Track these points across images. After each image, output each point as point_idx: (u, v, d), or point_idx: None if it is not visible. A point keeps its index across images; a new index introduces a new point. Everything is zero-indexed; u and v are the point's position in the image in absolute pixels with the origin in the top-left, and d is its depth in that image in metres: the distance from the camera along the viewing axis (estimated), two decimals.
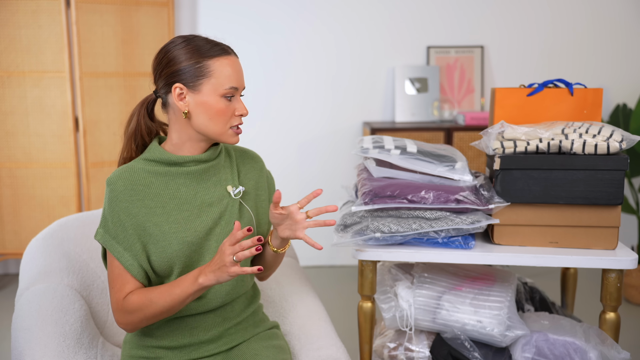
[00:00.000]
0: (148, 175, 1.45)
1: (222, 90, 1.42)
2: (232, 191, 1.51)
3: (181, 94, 1.43)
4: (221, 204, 1.49)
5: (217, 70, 1.42)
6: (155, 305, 1.39)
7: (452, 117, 3.67)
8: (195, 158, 1.47)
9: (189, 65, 1.41)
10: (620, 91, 3.76)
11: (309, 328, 1.70)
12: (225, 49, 1.45)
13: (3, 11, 3.27)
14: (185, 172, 1.47)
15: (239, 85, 1.45)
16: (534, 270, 3.62)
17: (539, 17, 3.75)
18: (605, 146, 1.66)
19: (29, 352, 1.48)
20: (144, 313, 1.40)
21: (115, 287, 1.43)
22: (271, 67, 3.79)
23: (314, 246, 1.39)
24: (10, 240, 3.45)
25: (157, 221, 1.43)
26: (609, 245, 1.71)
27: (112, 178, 1.44)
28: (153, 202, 1.44)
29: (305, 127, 3.83)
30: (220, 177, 1.52)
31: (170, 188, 1.46)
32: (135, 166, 1.46)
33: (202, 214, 1.47)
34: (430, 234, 1.69)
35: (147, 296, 1.40)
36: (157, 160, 1.47)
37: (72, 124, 3.36)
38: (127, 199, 1.42)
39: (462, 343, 1.78)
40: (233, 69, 1.44)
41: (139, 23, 3.46)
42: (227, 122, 1.44)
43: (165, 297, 1.38)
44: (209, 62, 1.42)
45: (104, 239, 1.43)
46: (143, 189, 1.44)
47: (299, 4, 3.72)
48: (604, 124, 1.72)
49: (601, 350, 1.71)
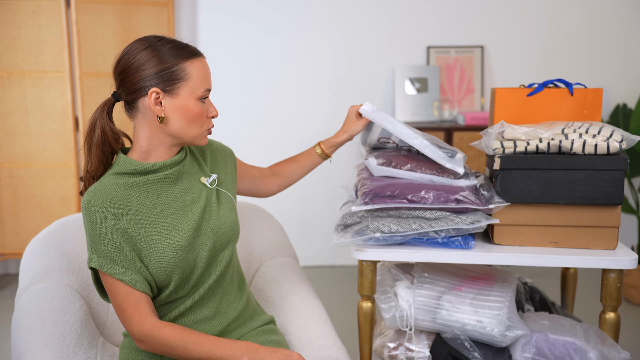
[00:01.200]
0: (124, 188, 1.40)
1: (199, 93, 1.41)
2: (206, 182, 1.52)
3: (157, 98, 1.39)
4: (201, 198, 1.49)
5: (192, 73, 1.39)
6: (186, 352, 1.35)
7: (452, 117, 3.67)
8: (170, 162, 1.45)
9: (164, 68, 1.37)
10: (620, 91, 3.76)
11: (309, 328, 1.70)
12: (196, 50, 1.43)
13: (3, 11, 3.27)
14: (161, 177, 1.44)
15: (211, 87, 1.45)
16: (534, 270, 3.62)
17: (538, 17, 3.75)
18: (605, 146, 1.66)
19: (29, 352, 1.48)
20: (170, 350, 1.36)
21: (129, 310, 1.37)
22: (271, 67, 3.79)
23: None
24: (10, 240, 3.45)
25: (145, 233, 1.40)
26: (609, 245, 1.71)
27: (89, 201, 1.37)
28: (137, 214, 1.40)
29: (305, 127, 3.83)
30: (191, 172, 1.51)
31: (150, 196, 1.43)
32: (107, 182, 1.40)
33: (187, 213, 1.46)
34: (430, 234, 1.69)
35: (182, 338, 1.36)
36: (130, 173, 1.42)
37: (72, 124, 3.36)
38: (110, 218, 1.36)
39: (462, 343, 1.78)
40: (206, 70, 1.43)
41: (139, 23, 3.46)
42: (202, 125, 1.44)
43: (200, 351, 1.35)
44: (184, 64, 1.39)
45: (100, 264, 1.36)
46: (124, 203, 1.39)
47: (299, 4, 3.72)
48: (604, 124, 1.72)
49: (601, 350, 1.71)
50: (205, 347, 1.35)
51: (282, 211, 3.48)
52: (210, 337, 1.38)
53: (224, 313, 1.54)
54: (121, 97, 1.45)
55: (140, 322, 1.37)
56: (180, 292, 1.47)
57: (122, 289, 1.37)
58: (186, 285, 1.47)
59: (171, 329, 1.37)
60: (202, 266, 1.47)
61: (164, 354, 1.39)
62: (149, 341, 1.37)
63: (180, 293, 1.47)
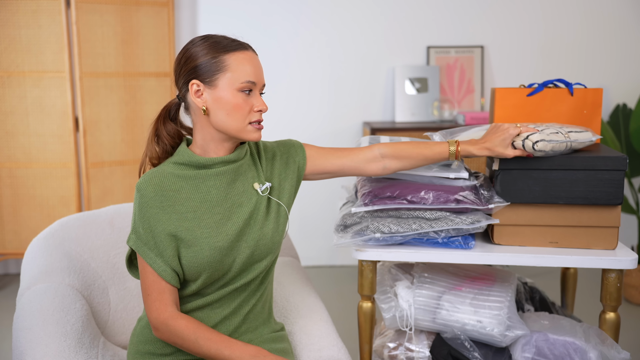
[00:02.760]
0: (178, 179, 1.44)
1: (239, 85, 1.40)
2: (259, 188, 1.50)
3: (198, 90, 1.42)
4: (250, 203, 1.48)
5: (233, 65, 1.40)
6: (197, 347, 1.38)
7: (452, 117, 3.67)
8: (224, 159, 1.46)
9: (205, 60, 1.40)
10: (620, 91, 3.76)
11: (310, 328, 1.70)
12: (243, 44, 1.44)
13: (3, 11, 3.27)
14: (215, 174, 1.46)
15: (257, 80, 1.43)
16: (534, 270, 3.62)
17: (539, 17, 3.75)
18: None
19: (30, 352, 1.49)
20: (182, 342, 1.39)
21: (152, 295, 1.41)
22: (271, 67, 3.79)
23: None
24: (10, 240, 3.45)
25: (188, 226, 1.42)
26: (609, 245, 1.71)
27: (142, 183, 1.42)
28: (184, 207, 1.42)
29: (305, 127, 3.83)
30: (246, 175, 1.50)
31: (201, 191, 1.45)
32: (164, 170, 1.45)
33: (233, 216, 1.46)
34: (430, 234, 1.69)
35: (195, 332, 1.38)
36: (185, 164, 1.45)
37: (72, 124, 3.36)
38: (157, 205, 1.41)
39: (462, 343, 1.78)
40: (250, 63, 1.42)
41: (139, 23, 3.46)
42: (245, 117, 1.42)
43: (210, 347, 1.37)
44: (224, 56, 1.40)
45: (136, 245, 1.42)
46: (173, 194, 1.42)
47: (299, 4, 3.72)
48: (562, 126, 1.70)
49: (601, 350, 1.71)
50: (215, 344, 1.37)
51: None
52: (222, 336, 1.39)
53: (241, 314, 1.53)
54: (179, 96, 1.49)
55: (159, 310, 1.40)
56: (206, 290, 1.48)
57: (150, 274, 1.41)
58: (214, 285, 1.48)
59: (187, 322, 1.39)
60: (235, 271, 1.47)
61: (175, 344, 1.41)
62: (164, 330, 1.40)
63: (206, 290, 1.48)
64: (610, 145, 3.17)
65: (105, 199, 3.45)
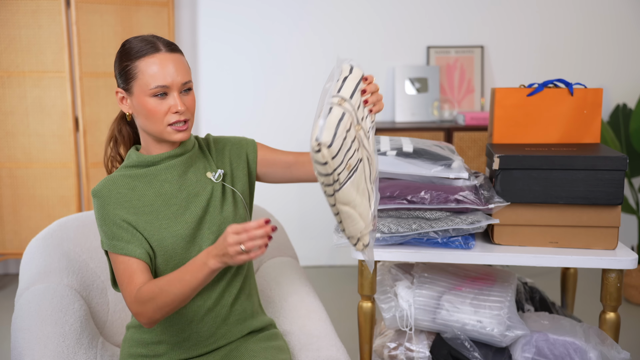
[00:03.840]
0: (130, 179, 1.48)
1: (149, 90, 1.41)
2: (212, 177, 1.53)
3: (123, 97, 1.47)
4: (206, 192, 1.51)
5: (142, 71, 1.42)
6: (167, 294, 1.34)
7: (452, 117, 3.67)
8: (170, 154, 1.49)
9: (121, 69, 1.45)
10: (620, 91, 3.76)
11: (309, 328, 1.70)
12: (155, 46, 1.43)
13: (3, 11, 3.27)
14: (165, 168, 1.49)
15: (168, 83, 1.41)
16: (534, 270, 3.62)
17: (539, 17, 3.75)
18: None
19: (28, 352, 1.48)
20: (156, 303, 1.36)
21: (124, 282, 1.41)
22: (271, 66, 3.79)
23: None
24: (10, 240, 3.45)
25: (147, 219, 1.45)
26: (609, 245, 1.71)
27: (97, 189, 1.47)
28: (140, 202, 1.46)
29: (305, 127, 3.83)
30: (198, 166, 1.53)
31: (154, 187, 1.48)
32: (116, 175, 1.49)
33: (190, 206, 1.48)
34: (430, 234, 1.69)
35: (157, 285, 1.36)
36: (135, 165, 1.49)
37: (72, 124, 3.36)
38: (114, 202, 1.44)
39: (462, 343, 1.78)
40: (160, 66, 1.41)
41: (139, 23, 3.46)
42: (161, 120, 1.43)
43: (176, 284, 1.34)
44: (135, 63, 1.42)
45: (109, 245, 1.43)
46: (128, 192, 1.46)
47: (299, 4, 3.72)
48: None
49: (601, 350, 1.71)
50: (176, 279, 1.34)
51: (282, 211, 3.47)
52: (178, 270, 1.36)
53: (225, 304, 1.53)
54: None
55: (130, 293, 1.39)
56: None
57: (120, 264, 1.42)
58: None
59: (148, 284, 1.37)
60: None
61: (155, 312, 1.37)
62: (137, 306, 1.37)
63: None
64: (610, 145, 3.17)
65: None
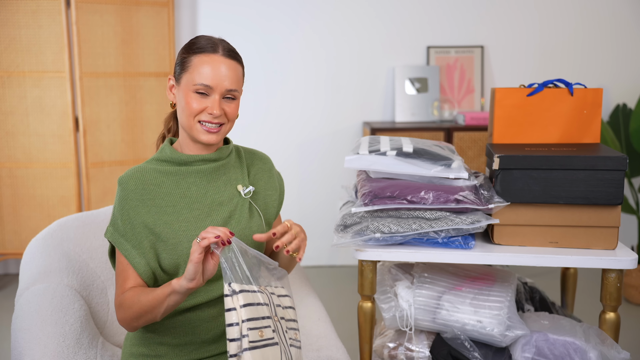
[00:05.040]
0: (159, 175, 1.47)
1: (193, 86, 1.43)
2: (242, 190, 1.52)
3: (172, 86, 1.49)
4: (231, 203, 1.50)
5: (194, 66, 1.43)
6: (139, 304, 1.36)
7: (452, 117, 3.67)
8: (205, 157, 1.49)
9: (179, 59, 1.47)
10: (620, 91, 3.76)
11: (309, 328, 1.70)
12: (215, 46, 1.44)
13: (3, 11, 3.27)
14: (195, 171, 1.48)
15: (214, 85, 1.42)
16: (534, 270, 3.62)
17: (539, 17, 3.75)
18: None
19: (28, 352, 1.48)
20: (132, 311, 1.38)
21: (117, 283, 1.44)
22: (271, 67, 3.79)
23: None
24: (10, 240, 3.45)
25: (167, 220, 1.44)
26: (609, 245, 1.70)
27: (124, 177, 1.46)
28: (164, 201, 1.45)
29: (305, 127, 3.83)
30: (230, 176, 1.52)
31: (181, 187, 1.47)
32: (146, 167, 1.48)
33: (212, 213, 1.47)
34: (430, 234, 1.68)
35: (136, 293, 1.38)
36: (167, 160, 1.49)
37: (72, 124, 3.36)
38: (137, 198, 1.44)
39: (462, 343, 1.78)
40: (211, 67, 1.42)
41: (139, 23, 3.46)
42: (193, 115, 1.44)
43: (147, 296, 1.35)
44: (191, 57, 1.44)
45: (113, 237, 1.44)
46: (154, 188, 1.45)
47: (299, 4, 3.72)
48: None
49: (601, 350, 1.71)
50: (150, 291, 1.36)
51: (282, 211, 3.47)
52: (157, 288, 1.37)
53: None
54: None
55: (118, 295, 1.43)
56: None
57: (121, 264, 1.44)
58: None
59: (131, 291, 1.40)
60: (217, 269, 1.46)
61: (132, 321, 1.39)
62: (118, 311, 1.41)
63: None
64: (610, 145, 3.17)
65: (105, 199, 3.45)
